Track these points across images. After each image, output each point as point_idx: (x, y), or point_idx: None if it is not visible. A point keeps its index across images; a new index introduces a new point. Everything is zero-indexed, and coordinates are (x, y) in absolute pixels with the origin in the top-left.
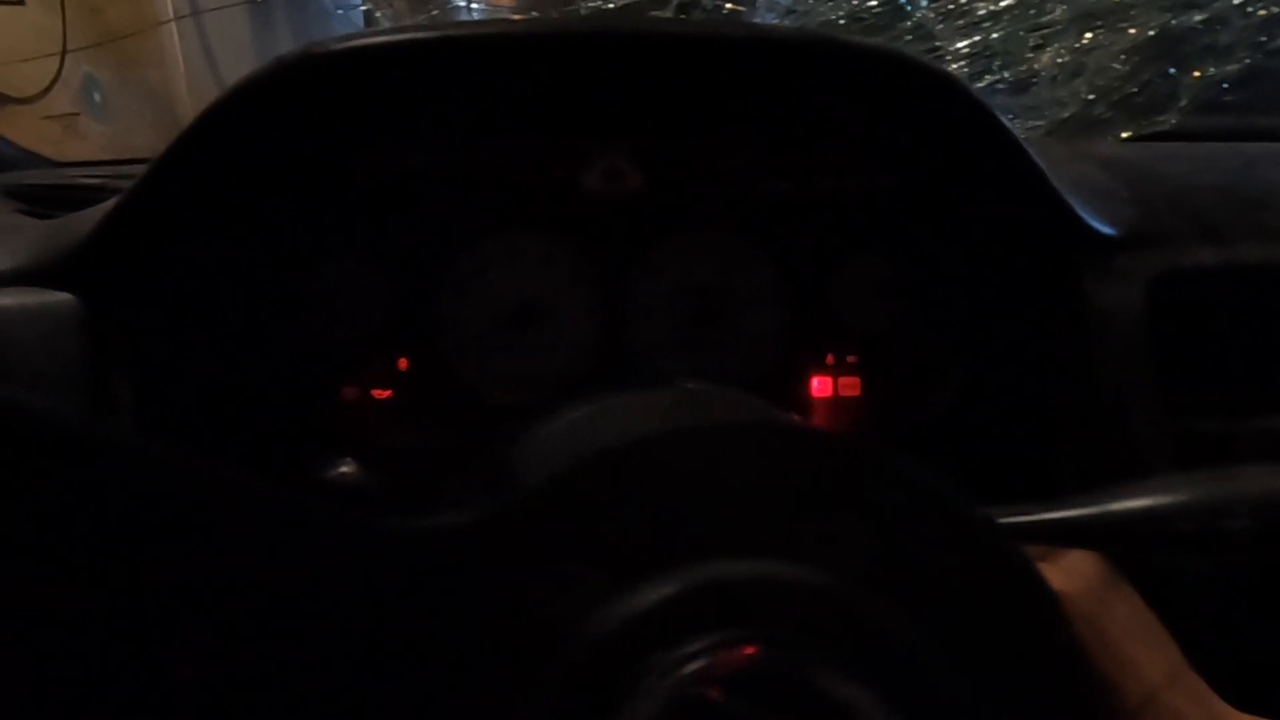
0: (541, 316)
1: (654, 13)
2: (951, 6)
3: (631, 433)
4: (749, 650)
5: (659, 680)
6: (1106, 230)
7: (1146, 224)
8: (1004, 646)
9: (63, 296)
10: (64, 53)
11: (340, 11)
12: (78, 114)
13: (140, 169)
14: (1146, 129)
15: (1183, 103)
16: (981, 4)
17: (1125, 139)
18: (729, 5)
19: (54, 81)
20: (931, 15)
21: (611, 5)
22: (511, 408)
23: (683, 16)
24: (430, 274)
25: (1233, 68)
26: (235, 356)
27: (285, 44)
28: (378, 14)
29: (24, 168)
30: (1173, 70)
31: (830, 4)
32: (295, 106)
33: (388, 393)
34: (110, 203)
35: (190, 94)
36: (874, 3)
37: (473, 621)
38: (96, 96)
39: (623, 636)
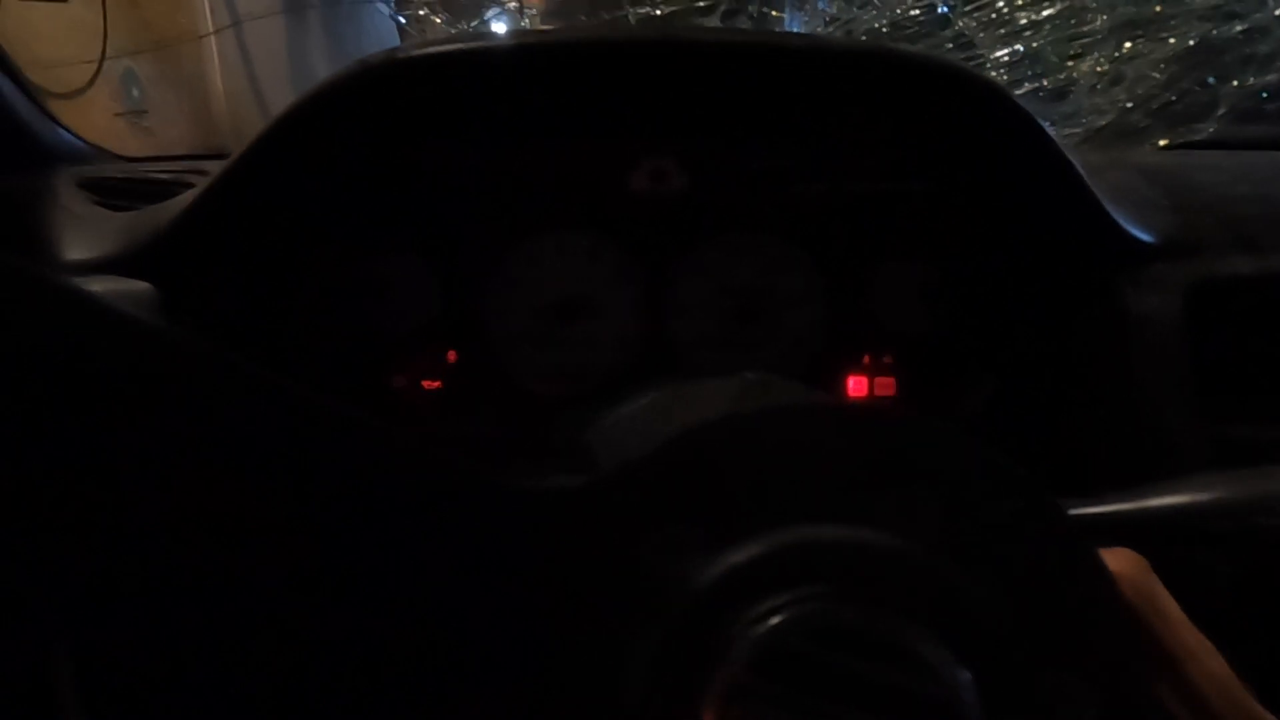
0: (587, 312)
1: (700, 20)
2: (993, 16)
3: (725, 410)
4: (838, 603)
5: (751, 630)
6: (1145, 238)
7: (1184, 232)
8: (1064, 613)
9: (142, 285)
10: (103, 56)
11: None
12: (145, 111)
13: (207, 164)
14: (1185, 137)
15: (1221, 111)
16: (1023, 13)
17: (1163, 147)
18: (773, 12)
19: (95, 76)
20: (973, 24)
21: (659, 12)
22: (556, 400)
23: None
24: (480, 269)
25: (1272, 77)
26: (294, 342)
27: (318, 42)
28: (408, 17)
29: (92, 162)
30: (1211, 80)
31: (874, 12)
32: (372, 108)
33: (437, 383)
34: (187, 198)
35: (226, 89)
36: (916, 11)
37: (586, 574)
38: (135, 92)
39: (719, 591)
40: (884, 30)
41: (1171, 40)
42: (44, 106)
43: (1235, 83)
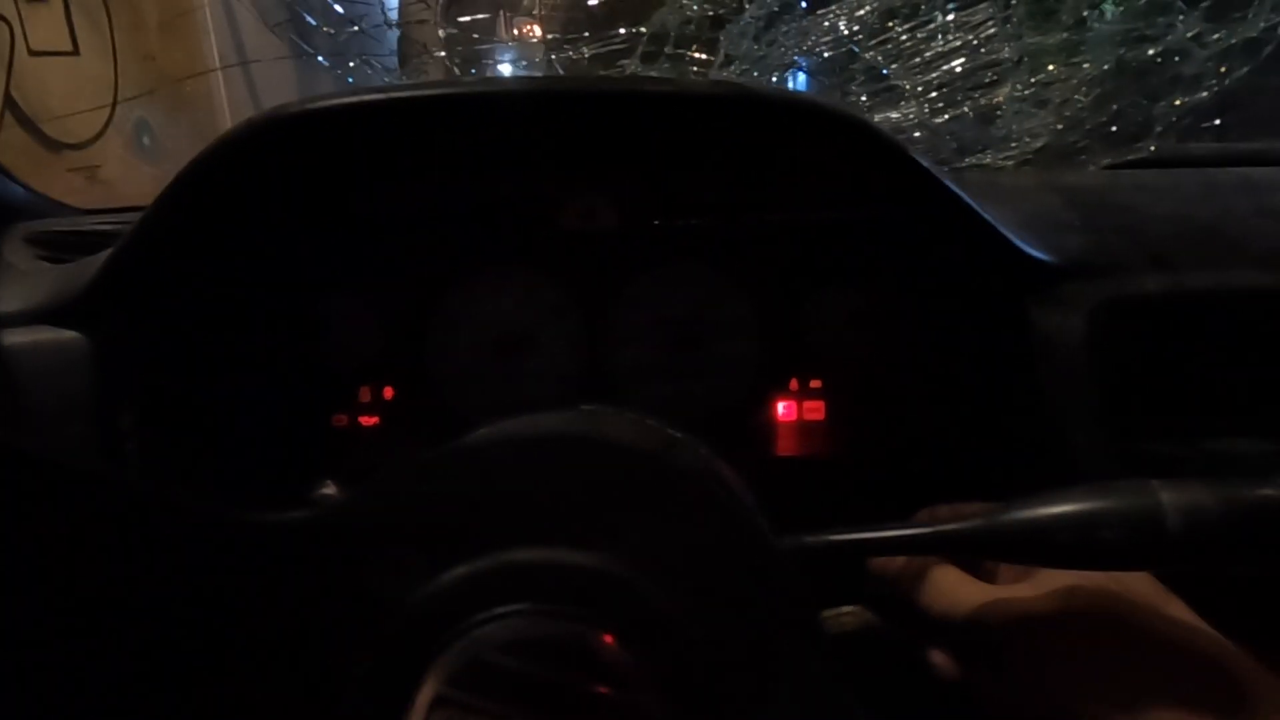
0: (524, 346)
1: (620, 62)
2: (897, 49)
3: (457, 441)
4: (531, 618)
5: (459, 643)
6: (1048, 259)
7: (1094, 253)
8: (753, 623)
9: (70, 334)
10: (114, 102)
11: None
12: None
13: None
14: (1125, 156)
15: (1158, 130)
16: (925, 45)
17: (1105, 166)
18: (695, 53)
19: (105, 126)
20: (881, 58)
21: (587, 51)
22: None
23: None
24: (417, 307)
25: (1203, 95)
26: (232, 384)
27: (327, 86)
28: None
29: (48, 215)
30: (1144, 100)
31: (781, 50)
32: (273, 160)
33: (375, 420)
34: (110, 252)
35: None
36: (822, 48)
37: (314, 595)
38: (146, 140)
39: (432, 608)
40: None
41: (1086, 65)
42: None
43: (1165, 103)
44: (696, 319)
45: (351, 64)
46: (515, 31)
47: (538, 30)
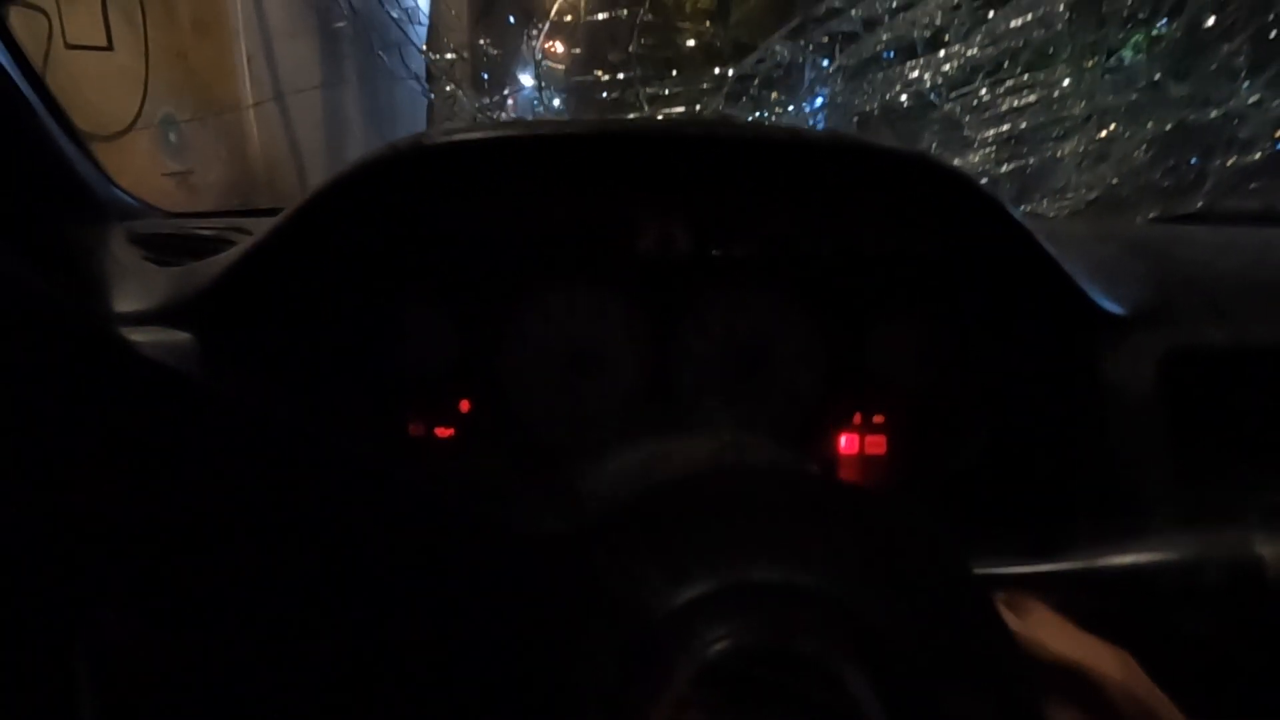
0: (596, 365)
1: (706, 100)
2: (976, 102)
3: (687, 468)
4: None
5: (697, 652)
6: (1117, 310)
7: (1161, 304)
8: (960, 643)
9: (183, 336)
10: (144, 99)
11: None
12: (191, 170)
13: (245, 221)
14: (1173, 210)
15: (1207, 187)
16: (1005, 99)
17: (1153, 219)
18: (772, 94)
19: (135, 120)
20: (958, 109)
21: (666, 91)
22: (564, 447)
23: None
24: (495, 322)
25: (1255, 156)
26: (320, 389)
27: (352, 92)
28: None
29: (140, 216)
30: (1195, 160)
31: (865, 96)
32: (400, 183)
33: (450, 430)
34: (228, 257)
35: (260, 135)
36: (904, 97)
37: (570, 602)
38: (172, 137)
39: (671, 620)
40: (875, 112)
41: (1150, 124)
42: (99, 164)
43: (1219, 162)
44: (763, 347)
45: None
46: (540, 48)
47: (560, 47)
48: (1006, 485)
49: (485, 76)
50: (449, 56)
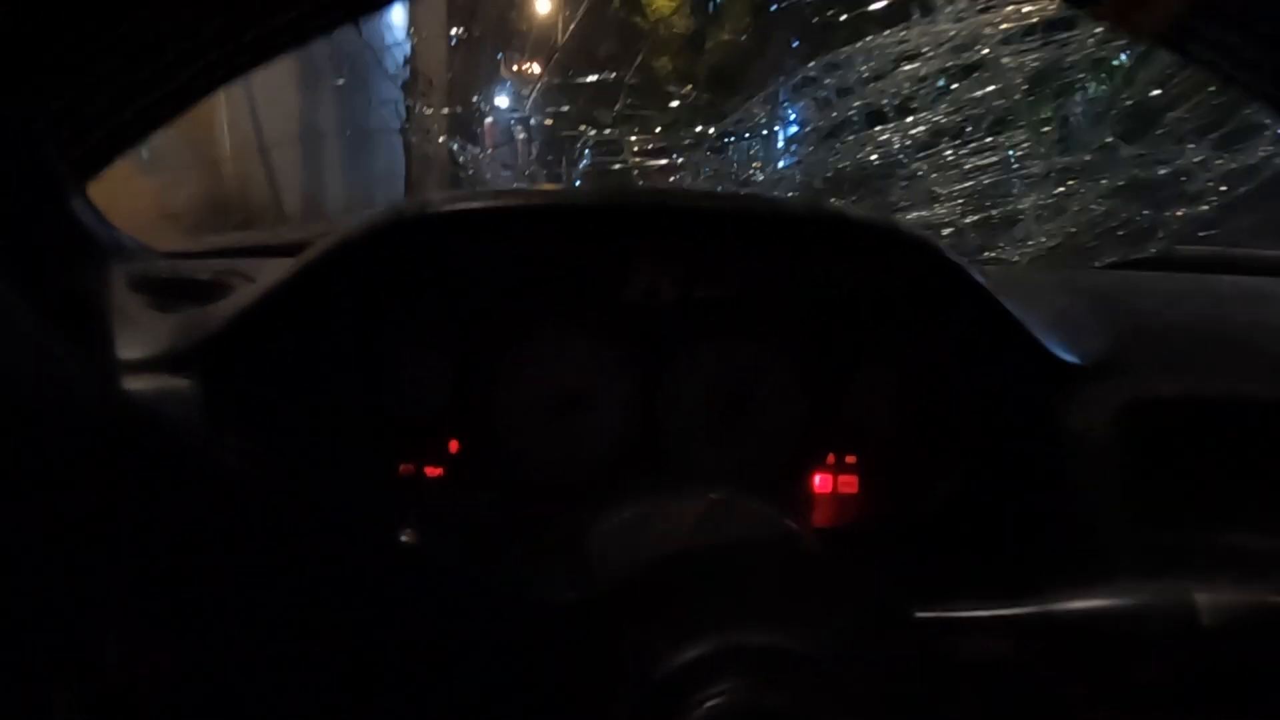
0: (583, 408)
1: (689, 150)
2: (941, 161)
3: (680, 541)
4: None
5: (693, 711)
6: (1075, 361)
7: (1115, 355)
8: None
9: (184, 382)
10: None
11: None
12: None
13: (243, 263)
14: (1129, 256)
15: (1160, 235)
16: (967, 159)
17: (1109, 265)
18: (754, 149)
19: None
20: (925, 167)
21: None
22: (553, 488)
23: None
24: (485, 365)
25: (1203, 209)
26: (314, 431)
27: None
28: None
29: (136, 257)
30: (1147, 211)
31: (837, 155)
32: (404, 244)
33: (440, 470)
34: (232, 305)
35: (233, 153)
36: (874, 158)
37: (575, 666)
38: (144, 153)
39: (671, 682)
40: (847, 169)
41: (1104, 181)
42: (94, 205)
43: (1169, 214)
44: (744, 390)
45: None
46: (515, 69)
47: (536, 68)
48: (972, 529)
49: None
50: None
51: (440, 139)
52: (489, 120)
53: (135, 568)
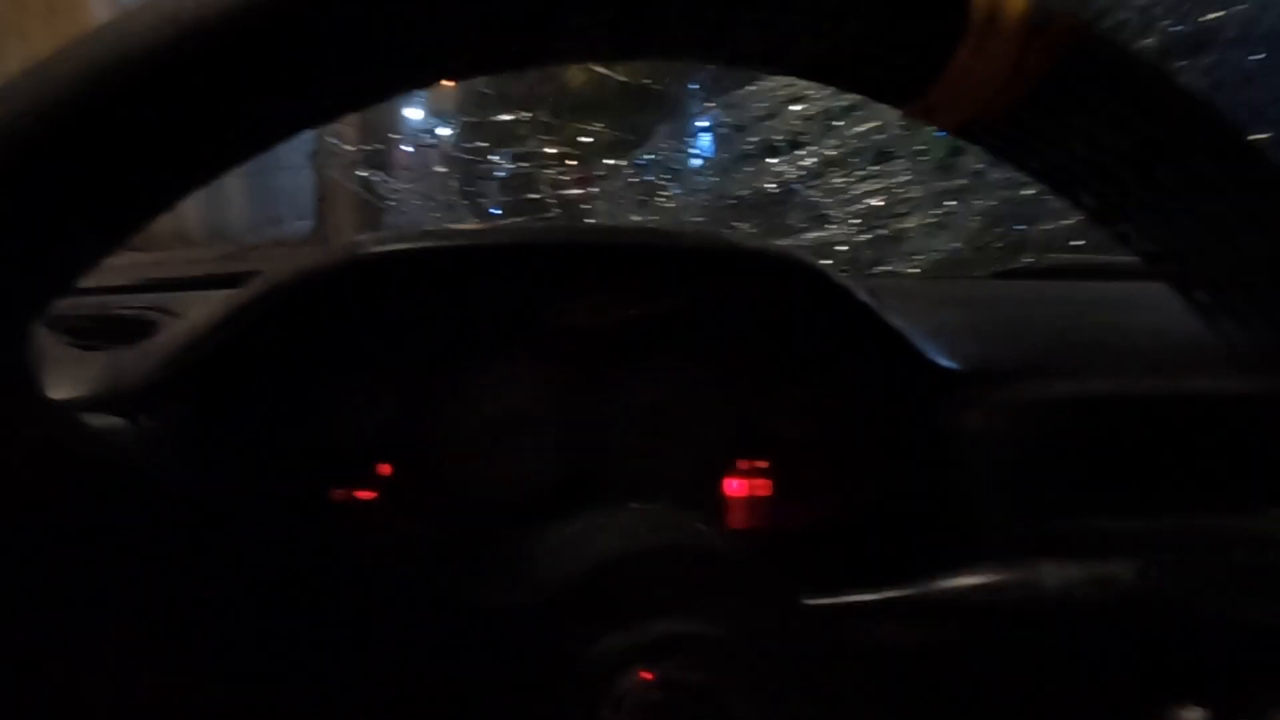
0: (513, 429)
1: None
2: (832, 186)
3: (615, 548)
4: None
5: (628, 685)
6: (953, 366)
7: (986, 360)
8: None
9: (118, 421)
10: None
11: None
12: None
13: (162, 298)
14: (1007, 265)
15: (1033, 246)
16: (856, 186)
17: (990, 275)
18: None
19: None
20: (818, 194)
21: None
22: (486, 506)
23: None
24: (414, 389)
25: (1070, 221)
26: (248, 459)
27: None
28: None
29: None
30: (1019, 227)
31: (738, 183)
32: (335, 284)
33: (372, 494)
34: (163, 345)
35: None
36: (772, 185)
37: (531, 659)
38: None
39: (608, 663)
40: (747, 196)
41: (977, 201)
42: None
43: (1034, 227)
44: (669, 406)
45: None
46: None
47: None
48: (867, 525)
49: None
50: None
51: (355, 172)
52: (407, 149)
53: (89, 590)
